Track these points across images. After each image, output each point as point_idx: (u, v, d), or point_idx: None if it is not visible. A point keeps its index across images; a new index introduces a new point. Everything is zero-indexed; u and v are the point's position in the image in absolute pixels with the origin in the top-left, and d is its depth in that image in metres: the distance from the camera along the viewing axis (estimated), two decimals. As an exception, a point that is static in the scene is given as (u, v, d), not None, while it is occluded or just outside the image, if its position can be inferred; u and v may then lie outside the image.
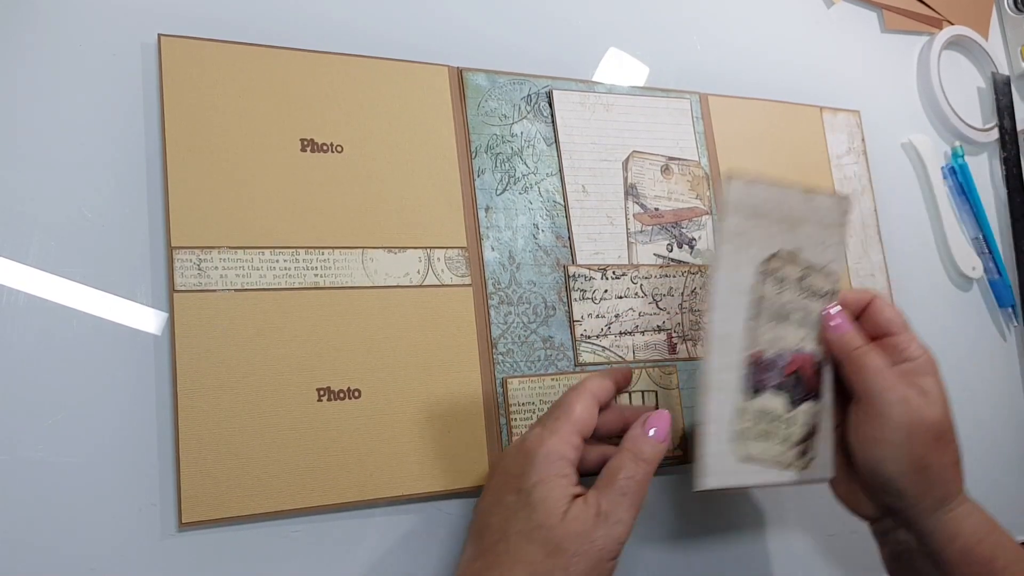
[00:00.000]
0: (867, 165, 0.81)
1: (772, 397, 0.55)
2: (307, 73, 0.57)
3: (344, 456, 0.52)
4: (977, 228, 0.89)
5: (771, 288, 0.55)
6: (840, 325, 0.56)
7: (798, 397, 0.56)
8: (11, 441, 0.46)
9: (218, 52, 0.54)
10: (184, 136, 0.52)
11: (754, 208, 0.55)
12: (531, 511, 0.47)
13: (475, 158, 0.60)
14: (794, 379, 0.56)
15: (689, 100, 0.71)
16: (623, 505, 0.48)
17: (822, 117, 0.79)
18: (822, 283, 0.57)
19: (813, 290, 0.57)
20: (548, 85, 0.65)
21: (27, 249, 0.49)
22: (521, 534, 0.46)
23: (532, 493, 0.47)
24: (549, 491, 0.47)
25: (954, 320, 0.87)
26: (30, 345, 0.48)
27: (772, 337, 0.56)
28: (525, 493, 0.47)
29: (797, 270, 0.56)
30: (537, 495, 0.47)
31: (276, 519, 0.51)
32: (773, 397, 0.55)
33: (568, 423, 0.50)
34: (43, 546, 0.46)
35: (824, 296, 0.57)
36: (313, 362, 0.53)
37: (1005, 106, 0.94)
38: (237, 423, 0.50)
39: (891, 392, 0.54)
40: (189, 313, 0.50)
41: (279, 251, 0.53)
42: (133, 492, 0.48)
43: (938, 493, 0.54)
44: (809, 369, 0.57)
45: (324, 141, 0.56)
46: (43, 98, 0.51)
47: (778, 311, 0.56)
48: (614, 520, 0.48)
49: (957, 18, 0.94)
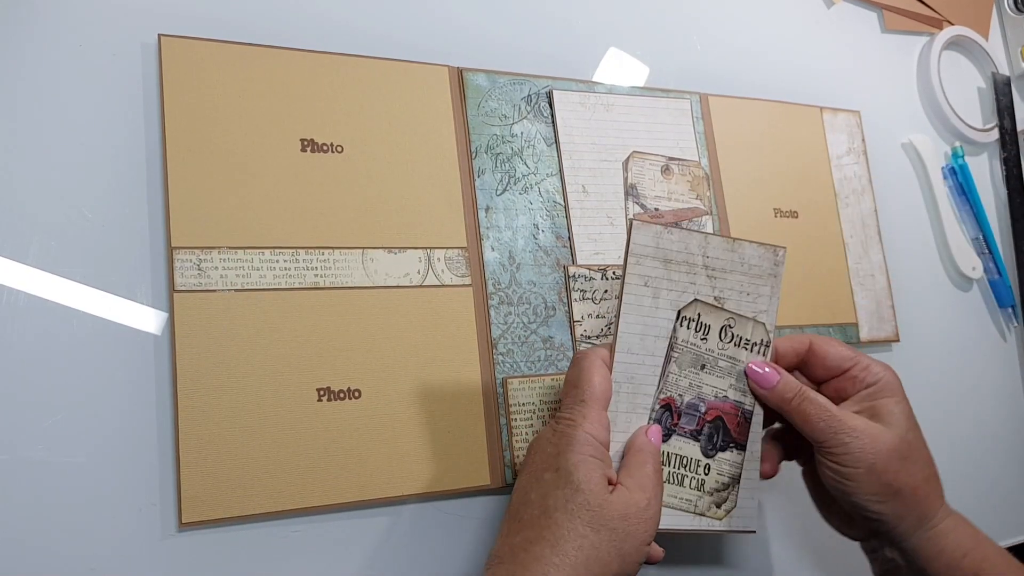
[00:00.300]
0: (867, 165, 0.81)
1: (685, 443, 0.55)
2: (307, 73, 0.57)
3: (344, 456, 0.52)
4: (977, 228, 0.89)
5: (690, 335, 0.55)
6: (765, 378, 0.56)
7: (717, 445, 0.56)
8: (11, 441, 0.46)
9: (218, 52, 0.54)
10: (184, 136, 0.52)
11: (665, 255, 0.54)
12: (573, 490, 0.47)
13: (475, 158, 0.60)
14: (712, 427, 0.56)
15: (689, 100, 0.71)
16: (656, 496, 0.50)
17: (822, 117, 0.79)
18: (751, 333, 0.57)
19: (742, 339, 0.57)
20: (548, 85, 0.65)
21: (27, 249, 0.49)
22: (563, 511, 0.46)
23: (572, 473, 0.47)
24: (589, 472, 0.47)
25: (954, 320, 0.87)
26: (30, 345, 0.48)
27: (691, 384, 0.55)
28: (564, 472, 0.47)
29: (721, 318, 0.56)
30: (577, 476, 0.47)
31: (276, 519, 0.51)
32: (686, 443, 0.55)
33: (596, 404, 0.51)
34: (43, 546, 0.46)
35: (755, 346, 0.57)
36: (313, 362, 0.53)
37: (1005, 106, 0.94)
38: (237, 423, 0.50)
39: (840, 432, 0.53)
40: (189, 313, 0.50)
41: (279, 251, 0.53)
42: (133, 492, 0.48)
43: (916, 513, 0.54)
44: (734, 419, 0.56)
45: (324, 141, 0.56)
46: (43, 98, 0.51)
47: (699, 358, 0.55)
48: (650, 507, 0.49)
49: (957, 18, 0.94)
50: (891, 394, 0.56)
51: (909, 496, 0.54)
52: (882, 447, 0.53)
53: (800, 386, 0.55)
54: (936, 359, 0.84)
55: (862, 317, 0.76)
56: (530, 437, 0.57)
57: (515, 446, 0.56)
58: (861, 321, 0.76)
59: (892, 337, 0.78)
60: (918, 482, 0.54)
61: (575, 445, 0.48)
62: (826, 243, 0.76)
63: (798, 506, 0.69)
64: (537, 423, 0.57)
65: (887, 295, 0.78)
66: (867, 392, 0.56)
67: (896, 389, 0.57)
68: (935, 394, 0.83)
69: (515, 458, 0.56)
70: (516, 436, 0.57)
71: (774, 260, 0.57)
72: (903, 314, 0.80)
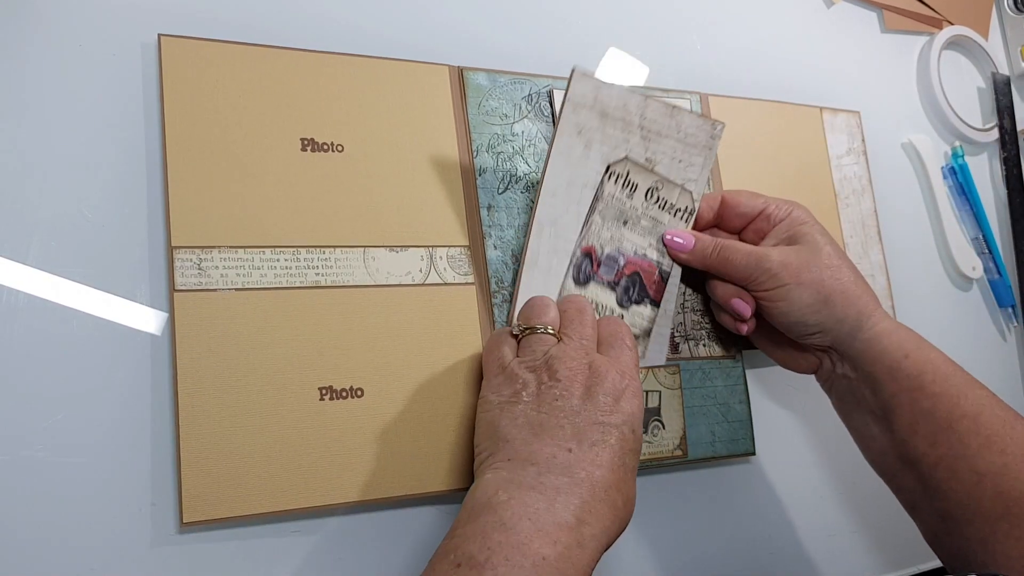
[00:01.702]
0: (867, 165, 0.81)
1: (602, 291, 0.58)
2: (307, 73, 0.56)
3: (347, 456, 0.52)
4: (977, 228, 0.89)
5: (617, 190, 0.57)
6: (681, 244, 0.60)
7: (632, 298, 0.59)
8: (12, 441, 0.46)
9: (218, 52, 0.54)
10: (184, 136, 0.52)
11: (602, 108, 0.56)
12: (638, 445, 0.51)
13: (476, 157, 0.60)
14: (629, 281, 0.59)
15: (689, 100, 0.71)
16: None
17: (822, 117, 0.79)
18: (678, 199, 0.59)
19: (667, 203, 0.59)
20: (549, 84, 0.64)
21: (27, 249, 0.48)
22: (631, 464, 0.50)
23: (639, 433, 0.51)
24: (640, 420, 0.51)
25: (954, 320, 0.87)
26: (29, 345, 0.47)
27: (612, 236, 0.58)
28: (639, 436, 0.51)
29: (650, 179, 0.58)
30: (637, 429, 0.51)
31: (277, 519, 0.51)
32: (603, 291, 0.58)
33: (633, 352, 0.53)
34: (43, 547, 0.46)
35: (679, 212, 0.60)
36: (315, 361, 0.53)
37: (1005, 106, 0.94)
38: (238, 422, 0.50)
39: (763, 261, 0.58)
40: (190, 313, 0.50)
41: (280, 250, 0.53)
42: (134, 492, 0.48)
43: (852, 312, 0.57)
44: (651, 276, 0.59)
45: (324, 141, 0.56)
46: (43, 98, 0.51)
47: (623, 213, 0.58)
48: (640, 391, 0.53)
49: (957, 18, 0.94)
50: (803, 222, 0.60)
51: (840, 298, 0.57)
52: (803, 260, 0.58)
53: (715, 240, 0.60)
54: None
55: (864, 316, 0.75)
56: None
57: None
58: (863, 320, 0.75)
59: (893, 336, 0.77)
60: (846, 285, 0.58)
61: (637, 393, 0.51)
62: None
63: (800, 506, 0.69)
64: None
65: (887, 295, 0.78)
66: (781, 226, 0.61)
67: (807, 216, 0.61)
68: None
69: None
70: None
71: (711, 133, 0.60)
72: (903, 314, 0.80)
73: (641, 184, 0.58)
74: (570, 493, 0.46)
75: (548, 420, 0.49)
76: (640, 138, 0.57)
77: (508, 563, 0.42)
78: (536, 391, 0.50)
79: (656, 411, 0.61)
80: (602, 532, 0.46)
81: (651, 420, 0.61)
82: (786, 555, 0.68)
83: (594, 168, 0.56)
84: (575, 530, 0.44)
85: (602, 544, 0.46)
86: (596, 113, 0.56)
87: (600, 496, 0.47)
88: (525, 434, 0.49)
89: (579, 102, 0.55)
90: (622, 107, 0.57)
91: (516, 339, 0.54)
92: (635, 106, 0.57)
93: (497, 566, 0.42)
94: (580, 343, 0.52)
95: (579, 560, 0.44)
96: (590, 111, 0.56)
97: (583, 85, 0.55)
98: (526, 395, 0.50)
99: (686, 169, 0.59)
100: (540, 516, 0.44)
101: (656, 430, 0.61)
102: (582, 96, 0.55)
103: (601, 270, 0.57)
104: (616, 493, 0.47)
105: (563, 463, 0.47)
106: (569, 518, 0.45)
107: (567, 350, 0.52)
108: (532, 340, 0.53)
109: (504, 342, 0.54)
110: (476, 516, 0.45)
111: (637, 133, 0.57)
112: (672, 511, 0.64)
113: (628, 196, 0.58)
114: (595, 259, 0.57)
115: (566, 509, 0.45)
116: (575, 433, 0.48)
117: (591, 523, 0.45)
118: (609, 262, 0.58)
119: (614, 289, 0.58)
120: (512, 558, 0.42)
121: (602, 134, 0.56)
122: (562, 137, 0.55)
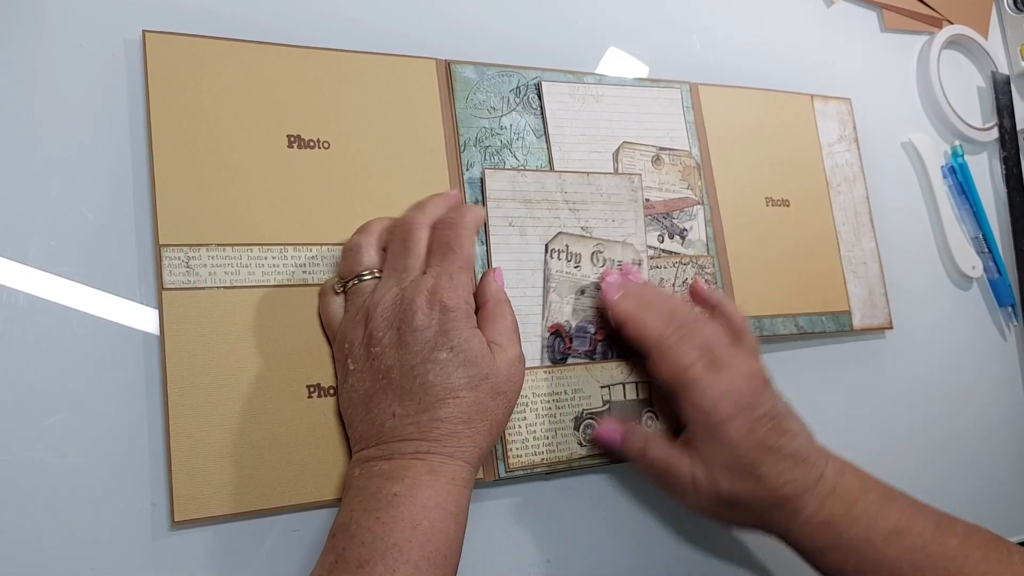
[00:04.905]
0: (859, 152, 0.80)
1: (580, 365, 0.59)
2: (293, 69, 0.56)
3: (336, 452, 0.52)
4: (977, 227, 0.89)
5: (563, 265, 0.59)
6: (614, 439, 0.58)
7: (613, 359, 0.60)
8: (8, 441, 0.46)
9: (203, 48, 0.54)
10: (170, 133, 0.52)
11: (523, 196, 0.59)
12: (471, 366, 0.48)
13: (464, 151, 0.60)
14: (603, 345, 0.60)
15: (680, 90, 0.71)
16: (519, 343, 0.53)
17: (813, 105, 0.79)
18: (622, 254, 0.62)
19: (615, 262, 0.61)
20: (537, 77, 0.64)
21: (25, 249, 0.48)
22: (468, 388, 0.48)
23: (465, 350, 0.49)
24: (479, 345, 0.49)
25: (954, 319, 0.87)
26: (21, 344, 0.47)
27: (575, 309, 0.59)
28: (459, 350, 0.48)
29: (590, 245, 0.60)
30: (471, 350, 0.49)
31: (268, 516, 0.51)
32: (581, 365, 0.59)
33: (467, 270, 0.51)
34: (36, 546, 0.45)
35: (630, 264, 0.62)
36: (303, 359, 0.52)
37: (1005, 105, 0.93)
38: (228, 421, 0.50)
39: (675, 473, 0.56)
40: (178, 311, 0.50)
41: (267, 248, 0.53)
42: (125, 491, 0.48)
43: (776, 516, 0.56)
44: None
45: (311, 137, 0.56)
46: (25, 96, 0.50)
47: (576, 284, 0.60)
48: (521, 358, 0.52)
49: (957, 17, 0.94)
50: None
51: (758, 503, 0.55)
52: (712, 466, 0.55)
53: (644, 435, 0.57)
54: (935, 357, 0.83)
55: (855, 305, 0.75)
56: (521, 430, 0.56)
57: (507, 439, 0.56)
58: (854, 309, 0.75)
59: (885, 324, 0.77)
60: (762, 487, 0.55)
61: (459, 320, 0.49)
62: (818, 231, 0.76)
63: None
64: (529, 415, 0.57)
65: (880, 282, 0.78)
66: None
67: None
68: (933, 392, 0.83)
69: (507, 450, 0.55)
70: (508, 429, 0.56)
71: (631, 187, 0.63)
72: (902, 312, 0.79)
73: (584, 252, 0.60)
74: (400, 477, 0.46)
75: (373, 385, 0.49)
76: (569, 211, 0.60)
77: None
78: (362, 353, 0.49)
79: (648, 402, 0.61)
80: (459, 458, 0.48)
81: (644, 411, 0.61)
82: (786, 555, 0.67)
83: (535, 251, 0.59)
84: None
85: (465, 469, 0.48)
86: (519, 202, 0.59)
87: (449, 451, 0.47)
88: (360, 412, 0.49)
89: (498, 197, 0.58)
90: (540, 189, 0.60)
91: (343, 295, 0.53)
92: (553, 184, 0.60)
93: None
94: (396, 277, 0.51)
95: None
96: (512, 202, 0.59)
97: (497, 181, 0.59)
98: (351, 362, 0.50)
99: (621, 225, 0.62)
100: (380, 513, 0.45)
101: (650, 421, 0.60)
102: (499, 191, 0.59)
103: (574, 344, 0.59)
104: (466, 435, 0.48)
105: (389, 431, 0.48)
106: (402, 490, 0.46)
107: (379, 293, 0.50)
108: (352, 292, 0.52)
109: (331, 302, 0.53)
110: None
111: (564, 207, 0.60)
112: (671, 510, 0.64)
113: (575, 267, 0.60)
114: (565, 335, 0.59)
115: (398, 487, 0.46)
116: (397, 393, 0.48)
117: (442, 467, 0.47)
118: (580, 333, 0.59)
119: (592, 358, 0.59)
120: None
121: (532, 219, 0.59)
122: (496, 232, 0.58)
